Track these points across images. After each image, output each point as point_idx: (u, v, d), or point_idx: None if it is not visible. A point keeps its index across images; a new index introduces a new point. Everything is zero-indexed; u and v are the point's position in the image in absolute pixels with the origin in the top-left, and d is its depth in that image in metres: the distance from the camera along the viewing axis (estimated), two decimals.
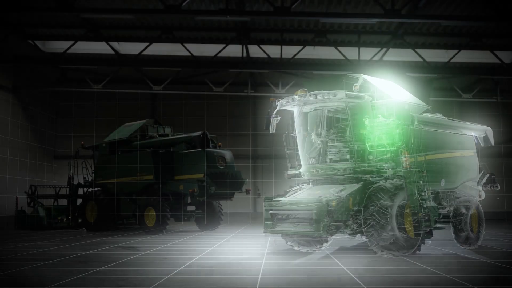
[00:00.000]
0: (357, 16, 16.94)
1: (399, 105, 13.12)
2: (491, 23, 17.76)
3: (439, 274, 9.25)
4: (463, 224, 14.31)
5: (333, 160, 13.16)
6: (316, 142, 13.56)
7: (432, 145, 14.00)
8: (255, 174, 29.08)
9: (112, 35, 22.01)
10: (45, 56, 22.76)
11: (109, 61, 23.67)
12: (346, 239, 14.42)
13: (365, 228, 12.58)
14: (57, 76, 26.61)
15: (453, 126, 15.55)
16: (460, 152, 15.18)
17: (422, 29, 20.28)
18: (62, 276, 8.82)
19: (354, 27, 20.23)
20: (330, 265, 10.49)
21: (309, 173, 13.29)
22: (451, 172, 14.68)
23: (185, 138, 19.84)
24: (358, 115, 13.22)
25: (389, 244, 11.77)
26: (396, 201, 11.88)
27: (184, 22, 20.21)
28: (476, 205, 15.16)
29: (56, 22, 20.67)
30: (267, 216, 12.77)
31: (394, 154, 12.67)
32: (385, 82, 13.88)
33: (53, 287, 7.97)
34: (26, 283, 8.60)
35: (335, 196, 11.83)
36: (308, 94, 12.87)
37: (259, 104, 29.25)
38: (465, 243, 14.38)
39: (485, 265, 10.56)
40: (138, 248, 13.81)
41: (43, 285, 8.05)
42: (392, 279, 8.80)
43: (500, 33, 20.22)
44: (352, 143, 12.90)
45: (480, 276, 9.14)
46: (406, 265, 10.46)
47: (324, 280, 8.72)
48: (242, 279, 8.76)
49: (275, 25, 20.26)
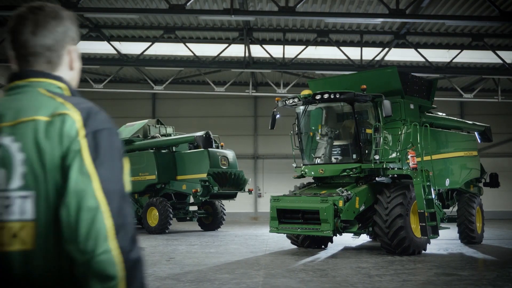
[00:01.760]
0: (362, 16, 16.92)
1: (406, 104, 13.15)
2: (495, 23, 17.77)
3: (448, 273, 9.26)
4: (468, 223, 14.38)
5: (339, 159, 13.18)
6: (322, 141, 13.59)
7: (438, 145, 14.06)
8: (256, 174, 29.08)
9: (114, 34, 21.98)
10: None
11: (111, 60, 23.63)
12: (350, 239, 14.47)
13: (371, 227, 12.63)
14: None
15: (457, 126, 15.64)
16: (464, 152, 15.26)
17: (425, 29, 20.29)
18: None
19: (357, 26, 20.22)
20: (338, 265, 10.49)
21: (314, 172, 13.29)
22: (456, 172, 14.75)
23: (188, 138, 19.83)
24: (365, 115, 13.25)
25: (395, 244, 11.80)
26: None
27: (187, 22, 20.18)
28: (480, 204, 15.24)
29: None
30: (273, 215, 12.78)
31: (400, 154, 12.70)
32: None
33: None
34: None
35: (342, 196, 11.85)
36: (313, 94, 12.87)
37: (261, 103, 29.25)
38: (469, 242, 14.44)
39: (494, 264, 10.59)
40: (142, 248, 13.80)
41: None
42: (402, 278, 8.80)
43: (503, 33, 20.24)
44: (358, 143, 12.92)
45: (491, 275, 9.16)
46: (414, 265, 10.47)
47: (333, 280, 8.73)
48: (250, 277, 8.75)
49: (277, 25, 20.24)
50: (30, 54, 1.67)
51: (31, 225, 1.50)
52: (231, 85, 24.32)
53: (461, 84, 26.35)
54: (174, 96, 28.43)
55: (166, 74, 26.20)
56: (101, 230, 1.46)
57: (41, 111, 1.55)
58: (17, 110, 1.58)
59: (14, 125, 1.56)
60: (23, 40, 1.67)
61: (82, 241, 1.45)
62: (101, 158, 1.52)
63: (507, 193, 26.37)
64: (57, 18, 1.71)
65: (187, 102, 29.12)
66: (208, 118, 28.85)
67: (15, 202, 1.51)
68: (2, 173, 1.53)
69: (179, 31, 20.84)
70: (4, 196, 1.52)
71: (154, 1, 17.34)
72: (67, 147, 1.51)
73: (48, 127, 1.52)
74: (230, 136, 26.12)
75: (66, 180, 1.50)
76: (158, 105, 30.42)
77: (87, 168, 1.49)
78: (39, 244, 1.50)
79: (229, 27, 20.64)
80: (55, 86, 1.67)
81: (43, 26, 1.68)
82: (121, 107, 29.22)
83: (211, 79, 24.58)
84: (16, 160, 1.52)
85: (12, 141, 1.54)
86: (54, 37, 1.69)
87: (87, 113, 1.56)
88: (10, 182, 1.52)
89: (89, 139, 1.52)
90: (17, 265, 1.49)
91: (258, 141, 29.68)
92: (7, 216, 1.50)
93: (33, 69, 1.68)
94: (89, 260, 1.44)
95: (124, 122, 23.39)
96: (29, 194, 1.51)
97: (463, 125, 16.05)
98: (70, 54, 1.76)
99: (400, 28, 20.03)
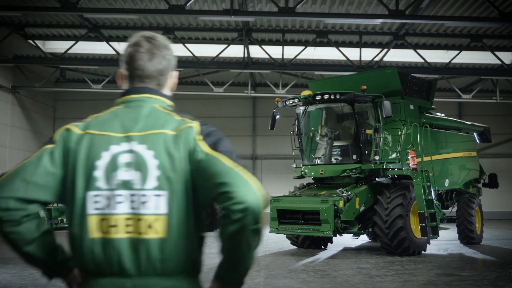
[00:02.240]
0: (362, 16, 16.93)
1: (406, 104, 13.17)
2: (494, 24, 17.80)
3: (449, 274, 9.28)
4: (467, 224, 14.40)
5: (339, 160, 13.18)
6: (321, 142, 13.60)
7: (438, 145, 14.08)
8: (254, 174, 28.93)
9: (113, 35, 21.96)
10: (45, 56, 22.68)
11: (110, 61, 23.61)
12: (349, 239, 14.48)
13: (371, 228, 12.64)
14: (56, 76, 26.51)
15: (456, 126, 15.67)
16: (463, 153, 15.29)
17: (424, 30, 20.31)
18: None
19: (356, 27, 20.24)
20: (338, 265, 10.50)
21: (314, 173, 13.29)
22: (455, 172, 14.77)
23: None
24: (364, 116, 13.26)
25: (395, 244, 11.81)
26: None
27: (186, 22, 20.17)
28: (479, 204, 15.27)
29: (57, 22, 20.60)
30: (273, 216, 12.77)
31: (400, 155, 12.72)
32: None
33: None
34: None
35: (342, 197, 11.86)
36: (313, 94, 12.87)
37: (260, 104, 29.24)
38: (469, 242, 14.46)
39: (494, 265, 10.61)
40: None
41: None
42: (403, 279, 8.82)
43: (501, 34, 20.28)
44: (358, 143, 12.93)
45: (491, 275, 9.17)
46: (414, 265, 10.49)
47: (334, 281, 8.73)
48: (251, 278, 8.75)
49: (277, 25, 20.25)
50: (145, 76, 2.04)
51: (164, 218, 1.85)
52: (230, 85, 24.30)
53: (459, 84, 26.37)
54: (173, 97, 28.34)
55: None
56: (248, 183, 1.83)
57: (167, 126, 1.93)
58: (145, 122, 1.93)
59: (145, 135, 1.90)
60: (141, 65, 2.02)
61: (238, 194, 1.78)
62: (219, 148, 1.91)
63: (506, 193, 26.41)
64: (167, 47, 2.07)
65: (186, 102, 29.08)
66: (207, 118, 28.55)
67: (151, 200, 1.85)
68: (138, 175, 1.86)
69: (178, 31, 20.83)
70: (141, 194, 1.85)
71: (153, 2, 17.31)
72: (194, 149, 1.89)
73: (175, 139, 1.90)
74: (228, 137, 25.28)
75: (203, 172, 1.85)
76: None
77: (214, 155, 1.87)
78: (171, 233, 1.84)
79: (228, 28, 20.64)
80: (166, 104, 2.06)
81: (157, 54, 2.02)
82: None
83: (210, 80, 24.56)
84: (151, 165, 1.86)
85: (145, 149, 1.89)
86: (164, 63, 2.06)
87: (199, 123, 2.00)
88: (146, 183, 1.86)
89: (206, 140, 1.92)
90: (152, 249, 1.83)
91: (256, 142, 29.68)
92: (144, 210, 1.84)
93: (145, 86, 2.04)
94: (247, 208, 1.76)
95: None
96: (162, 193, 1.86)
97: (462, 126, 16.07)
98: (172, 78, 2.17)
99: (399, 29, 20.05)
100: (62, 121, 30.63)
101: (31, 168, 1.88)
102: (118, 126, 1.94)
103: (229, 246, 1.84)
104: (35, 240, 1.89)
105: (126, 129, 1.93)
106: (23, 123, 26.51)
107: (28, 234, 1.87)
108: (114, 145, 1.90)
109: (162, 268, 1.85)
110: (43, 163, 1.89)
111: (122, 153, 1.89)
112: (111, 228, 1.85)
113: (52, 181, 1.89)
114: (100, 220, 1.86)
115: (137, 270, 1.83)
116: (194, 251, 1.91)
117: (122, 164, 1.88)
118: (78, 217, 1.88)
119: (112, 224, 1.85)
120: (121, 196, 1.86)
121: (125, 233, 1.85)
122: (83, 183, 1.88)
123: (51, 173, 1.89)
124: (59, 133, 1.96)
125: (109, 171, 1.88)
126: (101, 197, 1.87)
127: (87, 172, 1.88)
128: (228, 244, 1.84)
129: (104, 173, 1.88)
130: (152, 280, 1.84)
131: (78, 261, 1.90)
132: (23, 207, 1.85)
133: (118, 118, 1.97)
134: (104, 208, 1.86)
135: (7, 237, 1.87)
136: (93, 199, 1.87)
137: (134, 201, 1.86)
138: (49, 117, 29.93)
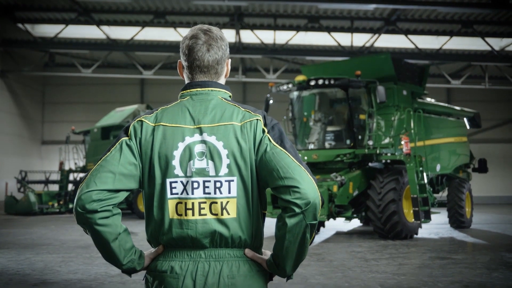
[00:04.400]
0: (354, 1, 16.96)
1: (399, 90, 13.25)
2: (485, 10, 17.91)
3: (442, 257, 9.43)
4: (458, 208, 14.60)
5: (333, 145, 13.26)
6: (315, 127, 13.65)
7: (429, 130, 14.20)
8: None
9: (103, 19, 21.79)
10: (34, 40, 22.47)
11: (100, 45, 23.46)
12: (341, 223, 14.61)
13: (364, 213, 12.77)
14: (46, 60, 26.31)
15: (447, 112, 15.80)
16: (454, 138, 15.44)
17: (415, 16, 20.40)
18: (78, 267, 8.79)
19: (348, 12, 20.27)
20: (332, 249, 10.62)
21: (308, 158, 13.36)
22: (446, 157, 14.93)
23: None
24: (358, 101, 13.32)
25: (388, 228, 11.96)
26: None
27: (177, 7, 20.08)
28: (469, 189, 15.47)
29: (46, 5, 20.40)
30: (268, 200, 12.83)
31: (394, 140, 12.82)
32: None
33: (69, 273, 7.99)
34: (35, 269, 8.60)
35: (336, 181, 11.95)
36: (308, 79, 12.90)
37: (250, 89, 29.23)
38: (459, 226, 14.67)
39: (485, 248, 10.78)
40: (136, 233, 13.78)
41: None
42: (398, 262, 8.95)
43: (492, 20, 20.42)
44: (352, 129, 13.00)
45: (484, 258, 9.33)
46: (408, 249, 10.63)
47: (330, 264, 8.84)
48: None
49: (269, 10, 20.22)
50: (204, 66, 2.18)
51: (234, 200, 2.07)
52: None
53: (448, 70, 26.55)
54: (163, 82, 28.28)
55: (155, 59, 26.03)
56: (311, 181, 1.99)
57: (234, 118, 2.11)
58: (213, 115, 2.11)
59: (214, 127, 2.09)
60: (200, 55, 2.17)
61: (302, 190, 1.96)
62: (285, 144, 2.08)
63: (495, 178, 26.76)
64: (222, 38, 2.22)
65: (176, 87, 28.93)
66: None
67: (224, 185, 2.07)
68: (211, 164, 2.08)
69: (169, 16, 20.74)
70: (216, 180, 2.07)
71: None
72: (260, 141, 2.07)
73: (242, 130, 2.09)
74: None
75: (268, 163, 2.03)
76: (147, 90, 30.28)
77: (280, 149, 2.05)
78: (239, 213, 2.07)
79: (220, 12, 20.58)
80: (227, 95, 2.22)
81: (213, 45, 2.18)
82: (109, 92, 29.04)
83: None
84: (223, 154, 2.07)
85: (216, 139, 2.08)
86: (220, 53, 2.20)
87: (263, 116, 2.13)
88: (218, 170, 2.07)
89: (271, 133, 2.09)
90: (225, 226, 2.06)
91: None
92: (217, 194, 2.07)
93: (208, 80, 2.21)
94: (309, 203, 1.95)
95: (112, 107, 23.27)
96: (232, 179, 2.07)
97: (453, 111, 16.19)
98: (227, 65, 2.28)
99: (390, 14, 20.11)
100: (51, 105, 30.41)
101: (114, 161, 2.08)
102: (189, 118, 2.14)
103: (287, 237, 2.01)
104: (120, 235, 2.08)
105: (197, 121, 2.12)
106: (12, 108, 26.29)
107: (116, 228, 2.06)
108: (188, 136, 2.10)
109: (232, 242, 2.08)
110: (124, 154, 2.09)
111: (195, 143, 2.10)
112: (188, 211, 2.08)
113: (134, 170, 2.10)
114: (177, 204, 2.09)
115: (211, 244, 2.07)
116: (258, 227, 2.13)
117: (197, 153, 2.09)
118: (158, 201, 2.11)
119: (189, 207, 2.08)
120: (196, 183, 2.08)
121: (200, 215, 2.08)
122: (162, 171, 2.09)
123: (132, 162, 2.10)
124: (133, 125, 2.16)
125: (185, 160, 2.09)
126: (178, 184, 2.08)
127: (165, 161, 2.09)
128: (286, 235, 2.01)
129: (181, 162, 2.09)
130: (224, 251, 2.08)
131: (159, 239, 2.12)
132: (114, 196, 2.05)
133: (187, 111, 2.16)
134: (181, 193, 2.08)
135: (99, 230, 2.04)
136: (171, 185, 2.09)
137: (208, 186, 2.08)
138: (38, 101, 29.69)
